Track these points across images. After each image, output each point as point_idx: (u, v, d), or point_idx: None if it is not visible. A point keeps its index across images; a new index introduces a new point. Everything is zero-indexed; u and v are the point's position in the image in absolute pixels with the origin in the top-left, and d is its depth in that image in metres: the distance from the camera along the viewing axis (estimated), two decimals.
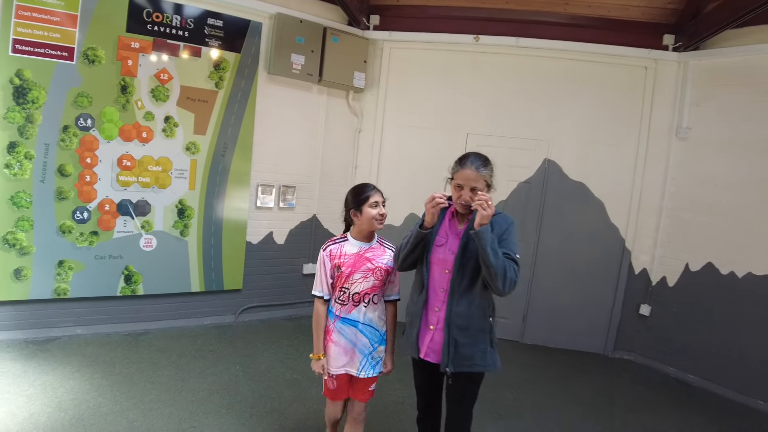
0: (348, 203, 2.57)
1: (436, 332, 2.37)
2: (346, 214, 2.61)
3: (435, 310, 2.38)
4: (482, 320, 2.33)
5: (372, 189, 2.55)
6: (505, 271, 2.15)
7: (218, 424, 3.25)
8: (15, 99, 4.03)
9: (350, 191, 2.61)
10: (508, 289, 2.17)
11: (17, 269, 4.15)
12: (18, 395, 3.36)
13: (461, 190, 2.33)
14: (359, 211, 2.50)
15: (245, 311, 5.22)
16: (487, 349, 2.36)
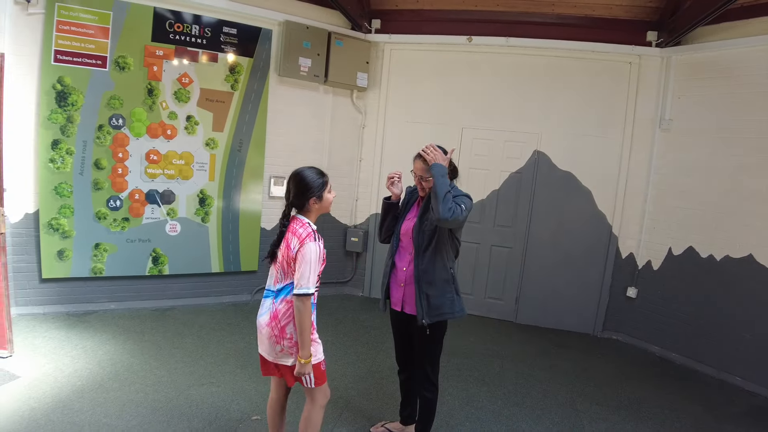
0: (310, 190, 2.43)
1: (406, 287, 2.85)
2: (299, 201, 2.46)
3: (402, 270, 2.87)
4: (444, 271, 2.77)
5: (325, 174, 2.54)
6: (447, 199, 2.56)
7: (232, 380, 3.78)
8: (57, 102, 4.60)
9: (307, 176, 2.45)
10: (448, 215, 2.53)
11: (60, 250, 4.74)
12: (63, 356, 3.95)
13: (416, 176, 2.87)
14: (320, 197, 2.48)
15: (260, 290, 5.68)
16: (454, 297, 2.81)
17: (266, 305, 2.48)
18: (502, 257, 5.79)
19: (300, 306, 2.29)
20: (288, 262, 2.39)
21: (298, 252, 2.33)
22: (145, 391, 3.52)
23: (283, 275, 2.43)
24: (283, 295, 2.41)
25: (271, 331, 2.40)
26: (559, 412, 3.77)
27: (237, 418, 3.27)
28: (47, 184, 4.63)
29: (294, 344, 2.37)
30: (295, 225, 2.44)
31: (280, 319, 2.39)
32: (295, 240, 2.37)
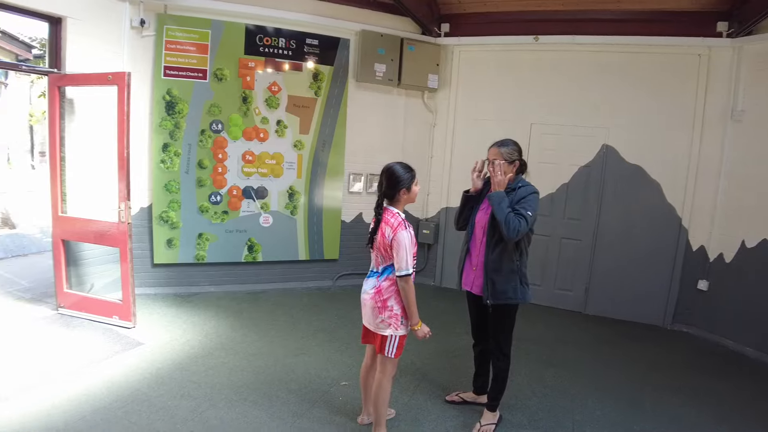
0: (400, 182, 2.78)
1: (478, 271, 3.18)
2: (391, 191, 2.80)
3: (475, 255, 3.21)
4: (510, 262, 3.07)
5: (413, 169, 2.88)
6: (508, 221, 2.89)
7: (321, 352, 4.29)
8: (167, 111, 5.31)
9: (397, 171, 2.80)
10: (513, 235, 2.90)
11: (169, 239, 5.47)
12: (176, 328, 4.63)
13: (489, 162, 3.15)
14: (409, 188, 2.83)
15: (341, 277, 6.27)
16: (518, 286, 3.10)
17: (370, 283, 2.92)
18: (571, 249, 5.94)
19: (404, 285, 2.74)
20: (385, 248, 2.78)
21: (392, 240, 2.71)
22: (248, 359, 4.09)
23: (383, 258, 2.84)
24: (386, 274, 2.84)
25: (375, 304, 2.85)
26: (622, 391, 3.95)
27: (328, 383, 3.75)
28: (159, 181, 5.36)
29: (393, 315, 2.81)
30: (387, 216, 2.80)
31: (383, 293, 2.82)
32: (389, 229, 2.74)
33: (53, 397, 3.37)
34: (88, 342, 4.25)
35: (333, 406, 3.43)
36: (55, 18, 4.65)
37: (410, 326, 2.85)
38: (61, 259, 4.82)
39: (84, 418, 3.15)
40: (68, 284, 4.89)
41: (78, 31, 4.72)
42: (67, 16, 4.63)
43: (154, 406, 3.32)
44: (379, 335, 2.86)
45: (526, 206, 2.97)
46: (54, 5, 4.54)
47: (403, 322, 2.84)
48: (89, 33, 4.81)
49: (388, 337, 2.83)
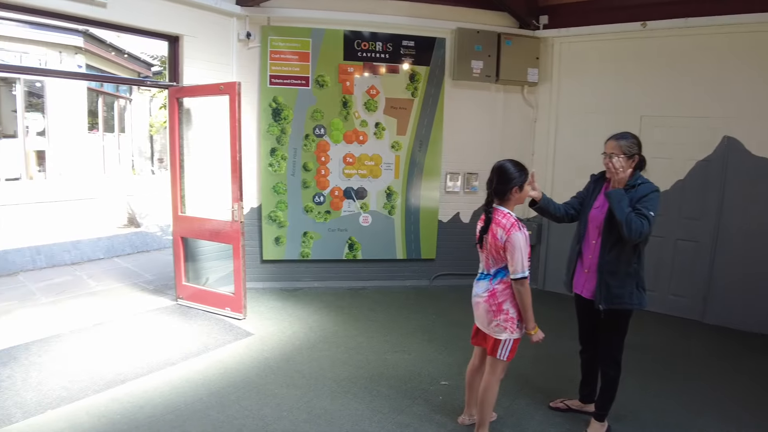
0: (512, 180, 2.68)
1: (590, 273, 3.01)
2: (502, 189, 2.71)
3: (588, 257, 3.03)
4: (627, 265, 2.87)
5: (525, 167, 2.78)
6: (630, 222, 2.69)
7: (421, 350, 4.33)
8: (273, 118, 5.63)
9: (509, 168, 2.70)
10: (634, 236, 2.70)
11: (276, 237, 5.81)
12: (282, 321, 4.91)
13: (606, 157, 2.92)
14: (521, 187, 2.73)
15: (438, 277, 6.27)
16: (634, 291, 2.89)
17: (482, 285, 2.84)
18: (687, 252, 5.43)
19: (520, 288, 2.65)
20: (497, 250, 2.69)
21: (506, 242, 2.62)
22: (349, 352, 4.23)
23: (495, 261, 2.75)
24: (499, 277, 2.75)
25: (489, 307, 2.78)
26: (748, 412, 3.53)
27: (428, 381, 3.77)
28: (267, 183, 5.71)
29: (509, 319, 2.75)
30: (498, 216, 2.70)
31: (498, 296, 2.74)
32: (501, 231, 2.64)
33: (173, 379, 3.73)
34: (203, 331, 4.66)
35: (433, 404, 3.45)
36: (173, 36, 5.17)
37: (525, 330, 2.78)
38: (180, 255, 5.31)
39: (201, 399, 3.45)
40: (186, 277, 5.40)
41: (192, 47, 5.20)
42: (183, 34, 5.12)
43: (262, 393, 3.54)
44: (493, 338, 2.81)
45: (648, 206, 2.76)
46: (172, 25, 5.05)
47: (519, 325, 2.77)
48: (202, 48, 5.28)
49: (503, 340, 2.77)
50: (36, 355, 4.10)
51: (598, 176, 3.14)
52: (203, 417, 3.24)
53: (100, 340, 4.44)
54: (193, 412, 3.29)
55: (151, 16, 4.86)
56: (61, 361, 4.01)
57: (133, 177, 13.97)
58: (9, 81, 13.23)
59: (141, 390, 3.57)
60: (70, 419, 3.21)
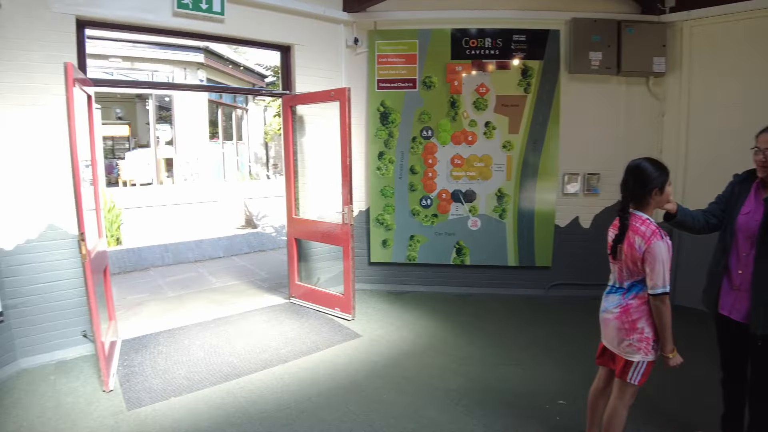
0: (652, 181, 2.38)
1: (741, 292, 2.55)
2: (640, 192, 2.41)
3: (738, 273, 2.57)
4: None
5: (665, 166, 2.46)
6: None
7: (535, 365, 4.04)
8: (381, 122, 5.64)
9: (647, 168, 2.40)
10: None
11: (384, 240, 5.80)
12: (389, 324, 4.87)
13: (760, 153, 2.49)
14: (662, 189, 2.42)
15: (554, 287, 5.83)
16: None
17: (613, 300, 2.55)
18: None
19: (659, 305, 2.34)
20: (634, 261, 2.39)
21: (645, 252, 2.32)
22: (458, 362, 4.06)
23: (630, 273, 2.45)
24: (634, 292, 2.45)
25: (621, 325, 2.48)
26: None
27: (544, 399, 3.48)
28: (375, 187, 5.72)
29: (644, 339, 2.42)
30: (635, 222, 2.40)
31: (632, 313, 2.44)
32: (639, 239, 2.35)
33: (284, 377, 3.84)
34: (314, 330, 4.75)
35: (549, 425, 3.19)
36: (285, 46, 5.41)
37: (661, 353, 2.43)
38: (294, 255, 5.50)
39: (310, 399, 3.50)
40: (299, 277, 5.56)
41: (303, 55, 5.40)
42: (294, 43, 5.33)
43: (370, 397, 3.51)
44: (623, 359, 2.49)
45: None
46: (284, 36, 5.28)
47: (654, 347, 2.43)
48: (312, 56, 5.45)
49: (635, 362, 2.45)
50: (163, 345, 4.46)
51: (743, 176, 2.69)
52: (312, 417, 3.27)
53: (219, 334, 4.70)
54: (302, 411, 3.34)
55: (264, 28, 5.12)
56: (185, 351, 4.31)
57: (250, 181, 14.87)
58: (143, 97, 14.79)
59: (254, 385, 3.70)
60: (190, 408, 3.41)
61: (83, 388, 3.69)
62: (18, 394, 3.61)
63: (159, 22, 4.51)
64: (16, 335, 4.00)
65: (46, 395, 3.60)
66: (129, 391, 3.64)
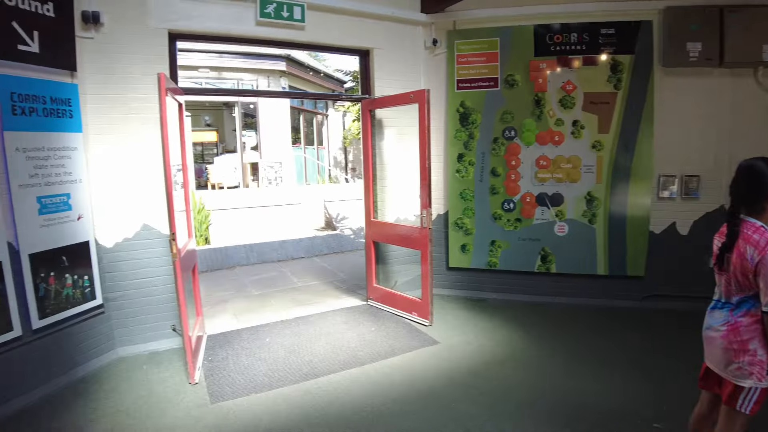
0: None
1: None
2: (754, 197, 2.18)
3: None
4: None
5: None
6: None
7: (625, 383, 3.70)
8: (461, 123, 5.52)
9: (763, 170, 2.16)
10: None
11: (463, 245, 5.65)
12: (468, 332, 4.72)
13: None
14: None
15: (648, 298, 5.38)
16: None
17: (719, 316, 2.28)
18: None
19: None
20: (744, 273, 2.13)
21: (758, 264, 2.06)
22: (541, 375, 3.85)
23: (739, 287, 2.18)
24: (745, 308, 2.18)
25: (728, 345, 2.21)
26: None
27: (634, 421, 3.19)
28: (454, 190, 5.60)
29: (757, 362, 2.13)
30: (747, 230, 2.14)
31: (742, 333, 2.17)
32: (751, 249, 2.09)
33: (362, 379, 3.82)
34: (391, 334, 4.71)
35: None
36: (363, 51, 5.46)
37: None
38: (372, 258, 5.50)
39: (386, 404, 3.45)
40: (377, 280, 5.54)
41: (381, 59, 5.43)
42: (373, 47, 5.37)
43: (447, 406, 3.41)
44: (732, 383, 2.20)
45: None
46: (363, 40, 5.33)
47: None
48: (390, 59, 5.46)
49: (746, 388, 2.16)
50: (246, 341, 4.61)
51: None
52: (388, 423, 3.23)
53: (299, 333, 4.79)
54: (378, 416, 3.31)
55: (343, 34, 5.19)
56: (266, 349, 4.44)
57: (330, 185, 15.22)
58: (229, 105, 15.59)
59: (332, 386, 3.72)
60: (269, 405, 3.49)
61: (172, 379, 3.90)
62: (116, 381, 3.89)
63: (243, 31, 4.71)
64: (115, 326, 4.32)
65: (139, 383, 3.84)
66: (213, 384, 3.78)
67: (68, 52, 3.88)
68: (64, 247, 3.86)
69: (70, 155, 3.91)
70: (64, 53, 3.86)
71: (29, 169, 3.61)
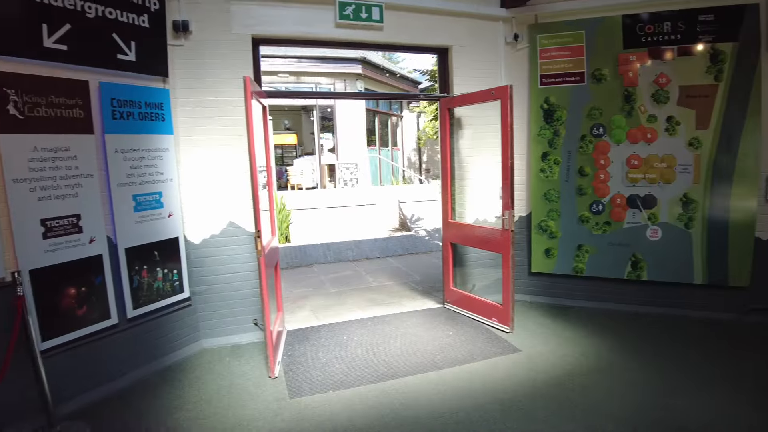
0: None
1: None
2: None
3: None
4: None
5: None
6: None
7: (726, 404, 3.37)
8: (545, 120, 5.28)
9: None
10: None
11: (547, 249, 5.40)
12: (551, 341, 4.50)
13: None
14: None
15: (753, 311, 4.86)
16: None
17: None
18: None
19: None
20: None
21: None
22: (630, 389, 3.60)
23: None
24: None
25: None
26: None
27: None
28: (538, 191, 5.36)
29: None
30: None
31: None
32: None
33: (439, 384, 3.74)
34: (469, 339, 4.58)
35: None
36: (442, 49, 5.38)
37: None
38: (449, 260, 5.40)
39: (465, 411, 3.35)
40: (454, 282, 5.42)
41: (460, 56, 5.32)
42: (452, 45, 5.29)
43: (531, 418, 3.26)
44: None
45: None
46: (441, 38, 5.25)
47: None
48: (469, 57, 5.34)
49: None
50: (324, 338, 4.68)
51: None
52: (467, 431, 3.13)
53: (376, 333, 4.78)
54: (456, 422, 3.22)
55: (421, 33, 5.14)
56: (344, 347, 4.47)
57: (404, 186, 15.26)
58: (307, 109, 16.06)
59: (409, 388, 3.67)
60: (346, 403, 3.50)
61: (252, 372, 4.02)
62: (200, 371, 4.07)
63: (322, 33, 4.79)
64: (200, 318, 4.53)
65: (221, 375, 4.00)
66: (291, 379, 3.85)
67: (161, 59, 4.13)
68: (156, 242, 4.10)
69: (161, 156, 4.14)
70: (158, 61, 4.11)
71: (126, 169, 3.86)
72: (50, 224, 3.37)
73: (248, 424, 3.28)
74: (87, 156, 3.59)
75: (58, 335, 3.42)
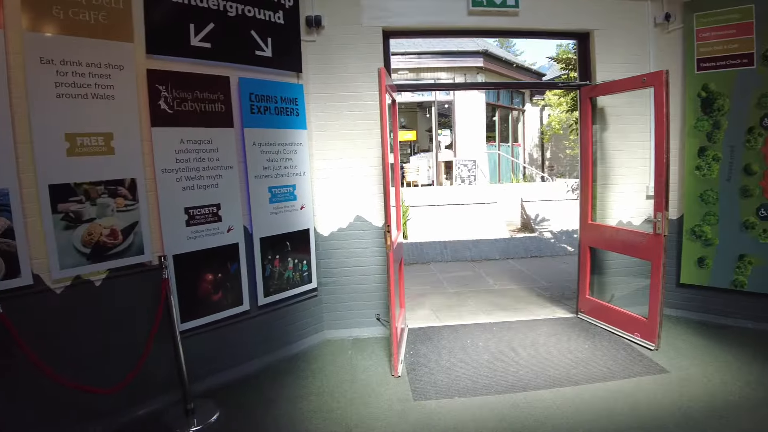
0: None
1: None
2: None
3: None
4: None
5: None
6: None
7: None
8: (702, 110, 4.62)
9: None
10: None
11: (700, 258, 4.73)
12: (705, 363, 3.89)
13: None
14: None
15: None
16: None
17: None
18: None
19: None
20: None
21: None
22: None
23: None
24: None
25: None
26: None
27: None
28: (692, 191, 4.71)
29: None
30: None
31: None
32: None
33: (576, 401, 3.40)
34: (607, 354, 4.14)
35: None
36: (582, 33, 4.93)
37: None
38: (586, 265, 4.93)
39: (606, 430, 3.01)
40: (591, 290, 4.94)
41: (602, 41, 4.85)
42: (593, 29, 4.83)
43: None
44: None
45: None
46: (581, 22, 4.81)
47: None
48: (612, 41, 4.86)
49: None
50: (446, 340, 4.50)
51: None
52: None
53: (502, 339, 4.51)
54: None
55: (560, 17, 4.77)
56: (468, 351, 4.26)
57: (525, 184, 14.62)
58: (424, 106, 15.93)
59: (543, 403, 3.38)
60: (474, 412, 3.30)
61: (374, 368, 3.96)
62: (323, 362, 4.11)
63: (454, 22, 4.62)
64: (325, 309, 4.60)
65: (343, 368, 3.99)
66: (415, 381, 3.72)
67: (295, 54, 4.21)
68: (289, 233, 4.20)
69: (296, 150, 4.22)
70: (292, 56, 4.19)
71: (263, 162, 3.97)
72: (193, 212, 3.55)
73: (372, 423, 3.20)
74: (227, 148, 3.74)
75: (194, 318, 3.61)
